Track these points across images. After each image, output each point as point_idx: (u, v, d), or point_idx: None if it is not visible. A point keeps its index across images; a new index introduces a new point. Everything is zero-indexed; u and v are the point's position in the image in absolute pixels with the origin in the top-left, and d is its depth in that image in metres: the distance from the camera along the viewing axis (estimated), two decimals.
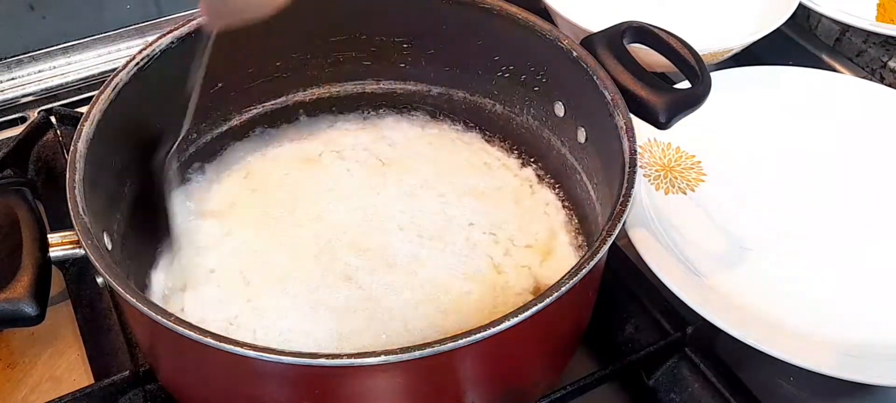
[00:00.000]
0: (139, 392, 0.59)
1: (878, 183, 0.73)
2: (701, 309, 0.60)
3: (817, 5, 0.88)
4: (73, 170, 0.52)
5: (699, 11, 0.88)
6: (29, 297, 0.51)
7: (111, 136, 0.56)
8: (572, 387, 0.59)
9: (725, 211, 0.70)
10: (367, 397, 0.48)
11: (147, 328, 0.52)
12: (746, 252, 0.67)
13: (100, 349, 0.64)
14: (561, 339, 0.55)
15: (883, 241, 0.69)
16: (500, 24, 0.64)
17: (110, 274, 0.47)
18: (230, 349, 0.43)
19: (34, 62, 0.86)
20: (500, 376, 0.51)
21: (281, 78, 0.69)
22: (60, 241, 0.51)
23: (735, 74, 0.80)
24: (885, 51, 0.86)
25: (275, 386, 0.48)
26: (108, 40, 0.88)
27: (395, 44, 0.69)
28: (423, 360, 0.44)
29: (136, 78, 0.58)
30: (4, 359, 0.65)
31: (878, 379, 0.57)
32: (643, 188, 0.70)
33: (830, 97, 0.79)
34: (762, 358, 0.58)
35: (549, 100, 0.65)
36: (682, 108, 0.57)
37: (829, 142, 0.77)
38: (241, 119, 0.69)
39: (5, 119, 0.84)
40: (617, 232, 0.49)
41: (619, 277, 0.65)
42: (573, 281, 0.46)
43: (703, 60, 0.59)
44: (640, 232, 0.64)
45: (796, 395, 0.64)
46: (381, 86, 0.72)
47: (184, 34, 0.61)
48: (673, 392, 0.60)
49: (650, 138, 0.74)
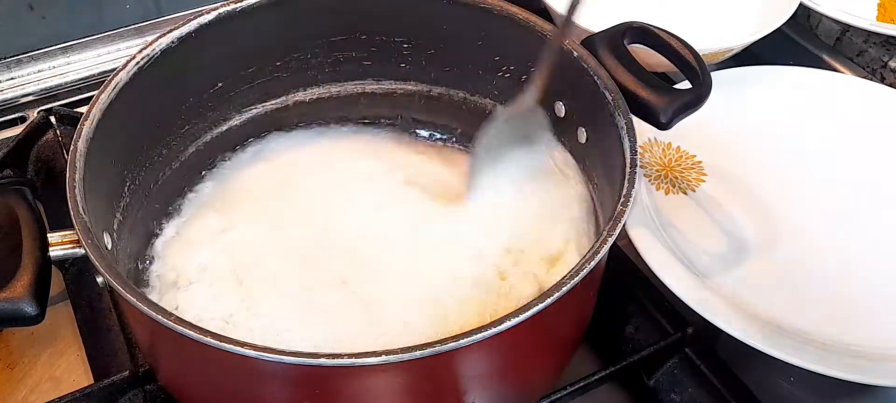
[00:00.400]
0: (139, 392, 0.59)
1: (878, 183, 0.73)
2: (701, 309, 0.59)
3: (818, 5, 0.88)
4: (72, 170, 0.52)
5: (699, 11, 0.88)
6: (29, 297, 0.51)
7: (111, 136, 0.56)
8: (572, 387, 0.59)
9: (725, 211, 0.70)
10: (367, 397, 0.48)
11: (147, 327, 0.52)
12: (746, 252, 0.67)
13: (99, 349, 0.64)
14: (561, 339, 0.55)
15: (883, 241, 0.69)
16: (501, 24, 0.64)
17: (110, 273, 0.47)
18: (230, 348, 0.43)
19: (34, 62, 0.86)
20: (500, 376, 0.51)
21: (281, 78, 0.69)
22: (60, 241, 0.51)
23: (735, 74, 0.80)
24: (885, 51, 0.86)
25: (275, 386, 0.48)
26: (107, 40, 0.88)
27: (395, 44, 0.69)
28: (424, 360, 0.44)
29: (136, 78, 0.58)
30: (4, 359, 0.65)
31: (878, 380, 0.57)
32: (644, 188, 0.70)
33: (830, 97, 0.79)
34: (762, 358, 0.58)
35: (550, 100, 0.65)
36: (682, 109, 0.57)
37: (829, 142, 0.77)
38: (241, 119, 0.69)
39: (5, 119, 0.84)
40: (617, 233, 0.49)
41: (619, 277, 0.65)
42: (573, 282, 0.46)
43: (703, 60, 0.59)
44: (641, 232, 0.64)
45: (796, 395, 0.64)
46: (381, 86, 0.72)
47: (184, 34, 0.61)
48: (673, 392, 0.60)
49: (651, 138, 0.74)
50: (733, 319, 0.59)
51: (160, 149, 0.64)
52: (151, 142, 0.63)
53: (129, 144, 0.60)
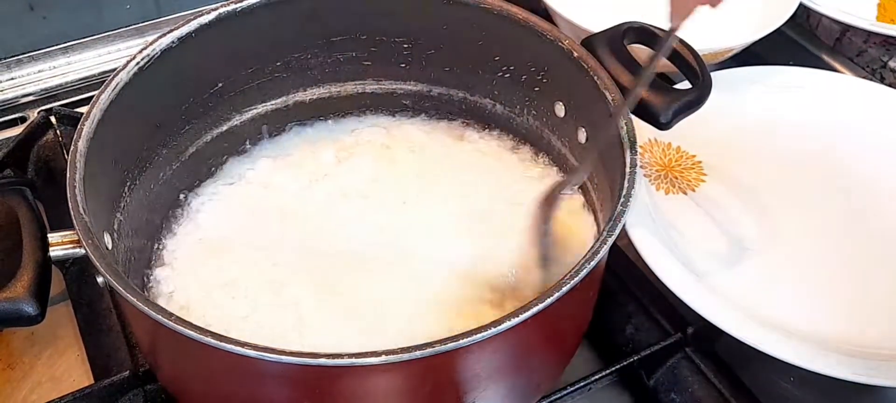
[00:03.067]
0: (139, 391, 0.59)
1: (878, 183, 0.73)
2: (701, 309, 0.59)
3: (817, 5, 0.88)
4: (73, 170, 0.52)
5: (700, 11, 0.88)
6: (29, 297, 0.51)
7: (111, 136, 0.56)
8: (573, 387, 0.60)
9: (725, 211, 0.70)
10: (367, 397, 0.48)
11: (147, 328, 0.52)
12: (746, 252, 0.67)
13: (100, 349, 0.64)
14: (561, 339, 0.55)
15: (883, 241, 0.69)
16: (501, 25, 0.64)
17: (111, 273, 0.47)
18: (230, 348, 0.43)
19: (34, 62, 0.86)
20: (500, 376, 0.51)
21: (281, 78, 0.69)
22: (60, 241, 0.51)
23: (735, 74, 0.80)
24: (885, 51, 0.86)
25: (275, 386, 0.48)
26: (107, 40, 0.88)
27: (395, 44, 0.69)
28: (424, 360, 0.44)
29: (136, 78, 0.58)
30: (4, 359, 0.65)
31: (878, 379, 0.57)
32: (643, 188, 0.70)
33: (830, 97, 0.79)
34: (762, 358, 0.58)
35: (550, 100, 0.65)
36: (682, 109, 0.57)
37: (830, 142, 0.77)
38: (241, 119, 0.69)
39: (5, 119, 0.84)
40: (617, 233, 0.49)
41: (619, 277, 0.65)
42: (573, 281, 0.46)
43: (703, 60, 0.59)
44: (641, 232, 0.64)
45: (796, 395, 0.64)
46: (382, 86, 0.72)
47: (184, 34, 0.61)
48: (673, 392, 0.60)
49: (651, 138, 0.74)
50: (733, 319, 0.59)
51: (160, 149, 0.64)
52: (151, 142, 0.63)
53: (129, 144, 0.60)
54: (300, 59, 0.69)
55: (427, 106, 0.73)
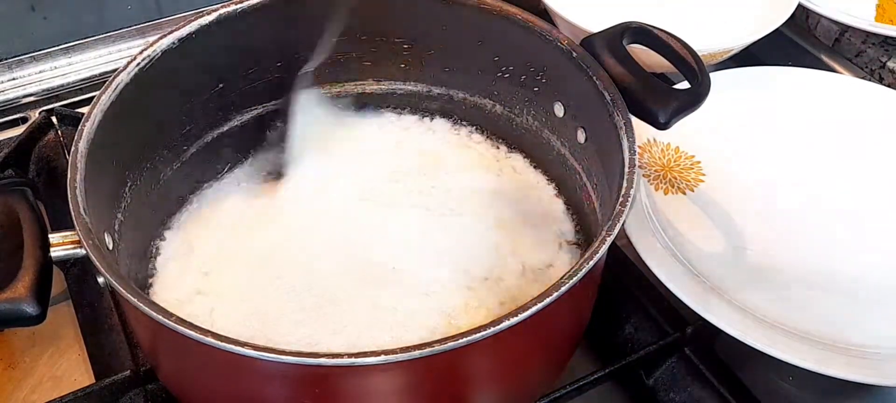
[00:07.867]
0: (140, 391, 0.59)
1: (877, 183, 0.73)
2: (701, 309, 0.60)
3: (816, 6, 0.88)
4: (74, 170, 0.52)
5: (699, 11, 0.88)
6: (30, 297, 0.51)
7: (112, 137, 0.56)
8: (572, 387, 0.60)
9: (725, 211, 0.70)
10: (367, 397, 0.48)
11: (148, 327, 0.52)
12: (746, 252, 0.67)
13: (100, 348, 0.64)
14: (560, 339, 0.55)
15: (883, 241, 0.69)
16: (500, 25, 0.64)
17: (111, 273, 0.47)
18: (231, 348, 0.44)
19: (35, 62, 0.86)
20: (499, 376, 0.51)
21: (281, 78, 0.69)
22: (61, 241, 0.51)
23: (735, 74, 0.80)
24: (884, 51, 0.86)
25: (276, 386, 0.48)
26: (108, 40, 0.88)
27: (395, 44, 0.69)
28: (424, 360, 0.44)
29: (137, 78, 0.58)
30: (5, 359, 0.65)
31: (878, 379, 0.57)
32: (643, 188, 0.71)
33: (830, 97, 0.79)
34: (762, 358, 0.58)
35: (549, 100, 0.65)
36: (681, 109, 0.57)
37: (829, 142, 0.77)
38: (241, 119, 0.69)
39: (6, 119, 0.85)
40: (617, 232, 0.49)
41: (618, 277, 0.65)
42: (573, 281, 0.46)
43: (702, 61, 0.59)
44: (640, 233, 0.64)
45: (796, 395, 0.64)
46: (381, 86, 0.72)
47: (185, 34, 0.61)
48: (672, 391, 0.60)
49: (650, 138, 0.74)
50: (732, 319, 0.59)
51: (161, 150, 0.64)
52: (152, 142, 0.63)
53: (130, 145, 0.60)
54: (301, 59, 0.69)
55: (427, 106, 0.73)
